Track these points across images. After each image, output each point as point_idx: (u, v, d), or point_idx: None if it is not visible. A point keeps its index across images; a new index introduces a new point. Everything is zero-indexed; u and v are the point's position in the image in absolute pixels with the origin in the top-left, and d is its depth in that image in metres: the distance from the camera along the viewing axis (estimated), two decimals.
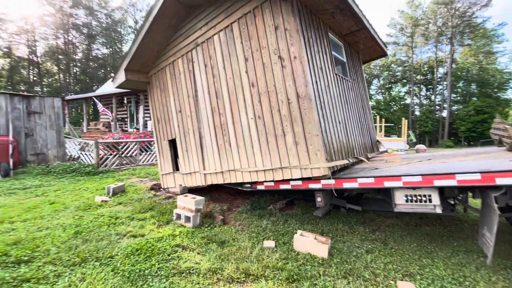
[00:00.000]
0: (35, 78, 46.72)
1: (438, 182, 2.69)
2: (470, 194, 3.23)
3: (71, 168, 8.05)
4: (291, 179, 3.75)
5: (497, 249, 3.02)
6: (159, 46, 5.40)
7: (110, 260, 2.82)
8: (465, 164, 3.23)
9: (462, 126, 37.57)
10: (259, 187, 4.28)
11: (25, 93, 8.75)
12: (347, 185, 3.32)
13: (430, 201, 2.94)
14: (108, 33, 51.38)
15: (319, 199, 3.81)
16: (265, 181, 4.11)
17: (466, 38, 42.20)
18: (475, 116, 36.44)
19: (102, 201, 4.93)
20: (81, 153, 9.92)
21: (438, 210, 2.91)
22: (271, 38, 3.65)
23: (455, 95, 46.59)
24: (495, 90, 41.55)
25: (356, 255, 3.05)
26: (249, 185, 4.48)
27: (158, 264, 2.77)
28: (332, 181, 3.39)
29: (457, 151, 6.03)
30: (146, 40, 5.00)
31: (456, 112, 43.54)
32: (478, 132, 35.92)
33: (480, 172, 2.47)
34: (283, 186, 3.96)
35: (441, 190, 2.96)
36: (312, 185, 3.60)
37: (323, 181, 3.47)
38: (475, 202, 5.01)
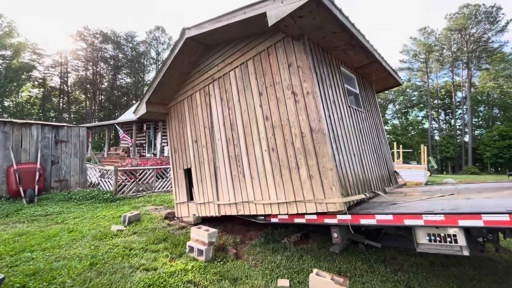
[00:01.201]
0: (64, 106, 50.27)
1: (463, 222, 2.53)
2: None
3: (91, 195, 8.32)
4: (306, 213, 3.67)
5: None
6: (178, 81, 5.74)
7: None
8: (492, 202, 3.04)
9: (487, 152, 35.76)
10: (273, 219, 4.20)
11: (55, 123, 9.39)
12: (364, 221, 3.19)
13: (456, 241, 2.73)
14: (132, 65, 55.39)
15: (335, 235, 3.66)
16: (279, 214, 4.04)
17: (484, 63, 41.68)
18: (501, 141, 34.72)
19: (118, 230, 5.00)
20: (101, 180, 10.28)
21: (465, 252, 2.69)
22: (284, 74, 3.80)
23: (476, 120, 45.02)
24: None
25: None
26: (262, 217, 4.41)
27: None
28: (348, 217, 3.28)
29: (483, 183, 5.69)
30: (167, 76, 5.35)
31: (479, 137, 41.76)
32: (505, 158, 33.96)
33: (509, 213, 2.32)
34: (297, 220, 3.86)
35: (467, 229, 2.78)
36: (328, 220, 3.49)
37: (339, 216, 3.37)
38: (509, 240, 4.63)
